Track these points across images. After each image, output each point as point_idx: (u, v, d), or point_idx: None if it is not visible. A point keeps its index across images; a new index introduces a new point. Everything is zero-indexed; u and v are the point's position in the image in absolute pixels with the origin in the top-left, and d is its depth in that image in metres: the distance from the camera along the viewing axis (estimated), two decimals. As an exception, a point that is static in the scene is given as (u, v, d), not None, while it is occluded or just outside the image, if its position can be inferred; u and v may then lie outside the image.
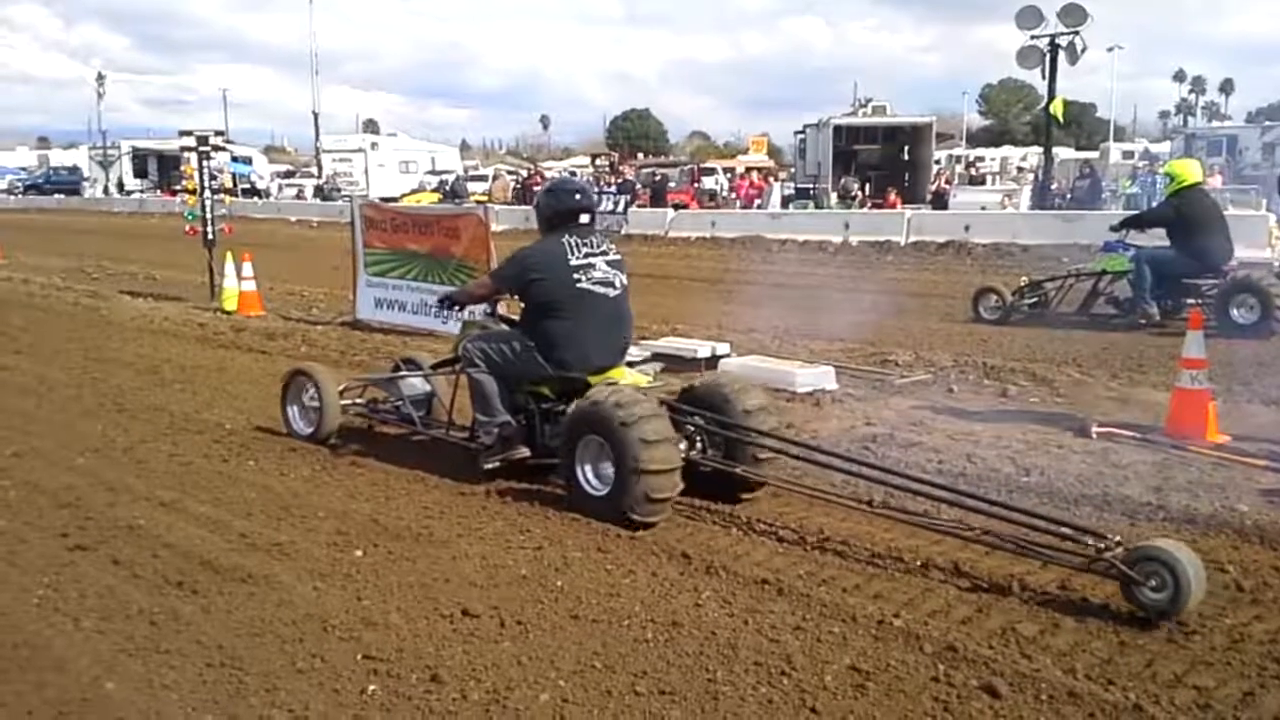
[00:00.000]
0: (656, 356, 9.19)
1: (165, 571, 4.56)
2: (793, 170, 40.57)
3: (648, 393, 5.46)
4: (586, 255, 5.68)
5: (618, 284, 5.76)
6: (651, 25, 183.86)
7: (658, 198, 32.66)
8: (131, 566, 4.63)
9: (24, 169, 66.87)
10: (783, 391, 7.89)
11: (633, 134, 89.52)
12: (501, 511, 5.32)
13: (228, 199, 15.28)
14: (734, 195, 36.66)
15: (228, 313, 13.04)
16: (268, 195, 48.12)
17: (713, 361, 8.90)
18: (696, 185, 39.07)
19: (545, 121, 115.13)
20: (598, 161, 38.90)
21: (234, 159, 43.68)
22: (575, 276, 5.61)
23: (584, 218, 5.80)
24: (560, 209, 5.81)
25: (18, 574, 4.59)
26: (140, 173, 54.98)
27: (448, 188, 37.62)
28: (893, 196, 30.16)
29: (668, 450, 4.97)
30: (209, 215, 14.15)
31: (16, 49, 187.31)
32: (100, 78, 71.25)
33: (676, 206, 30.43)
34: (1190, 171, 11.41)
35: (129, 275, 18.13)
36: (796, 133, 39.02)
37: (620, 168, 37.87)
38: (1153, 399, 7.55)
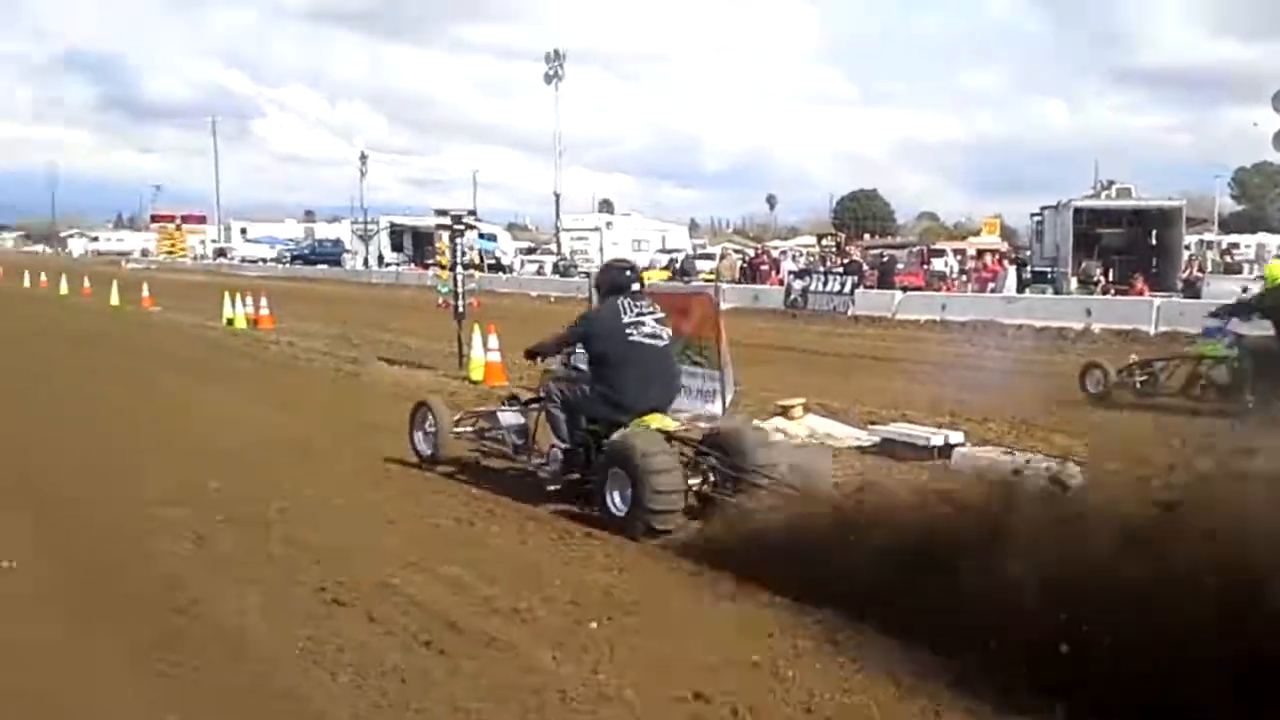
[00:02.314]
0: (886, 442, 9.03)
1: (414, 630, 4.82)
2: (1028, 253, 39.08)
3: (671, 433, 6.84)
4: (637, 314, 7.06)
5: (664, 336, 7.12)
6: (881, 104, 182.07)
7: (885, 279, 32.17)
8: (385, 623, 4.92)
9: (292, 240, 73.58)
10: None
11: (859, 214, 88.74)
12: (732, 594, 5.32)
13: (476, 274, 16.18)
14: (968, 279, 35.52)
15: (474, 382, 13.70)
16: (511, 270, 50.22)
17: (946, 450, 8.65)
18: (926, 267, 38.22)
19: (771, 201, 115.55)
20: (824, 241, 38.76)
21: (481, 235, 46.18)
22: (628, 331, 6.98)
23: (634, 286, 7.23)
24: (616, 281, 7.29)
25: (281, 625, 4.95)
26: (396, 246, 58.68)
27: (677, 266, 38.47)
28: (1140, 283, 28.49)
29: (672, 478, 6.28)
30: (460, 289, 15.03)
31: (286, 128, 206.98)
32: (363, 157, 77.96)
33: (904, 289, 29.89)
34: None
35: (385, 343, 19.34)
36: (1033, 214, 37.68)
37: (846, 248, 37.64)
38: None
